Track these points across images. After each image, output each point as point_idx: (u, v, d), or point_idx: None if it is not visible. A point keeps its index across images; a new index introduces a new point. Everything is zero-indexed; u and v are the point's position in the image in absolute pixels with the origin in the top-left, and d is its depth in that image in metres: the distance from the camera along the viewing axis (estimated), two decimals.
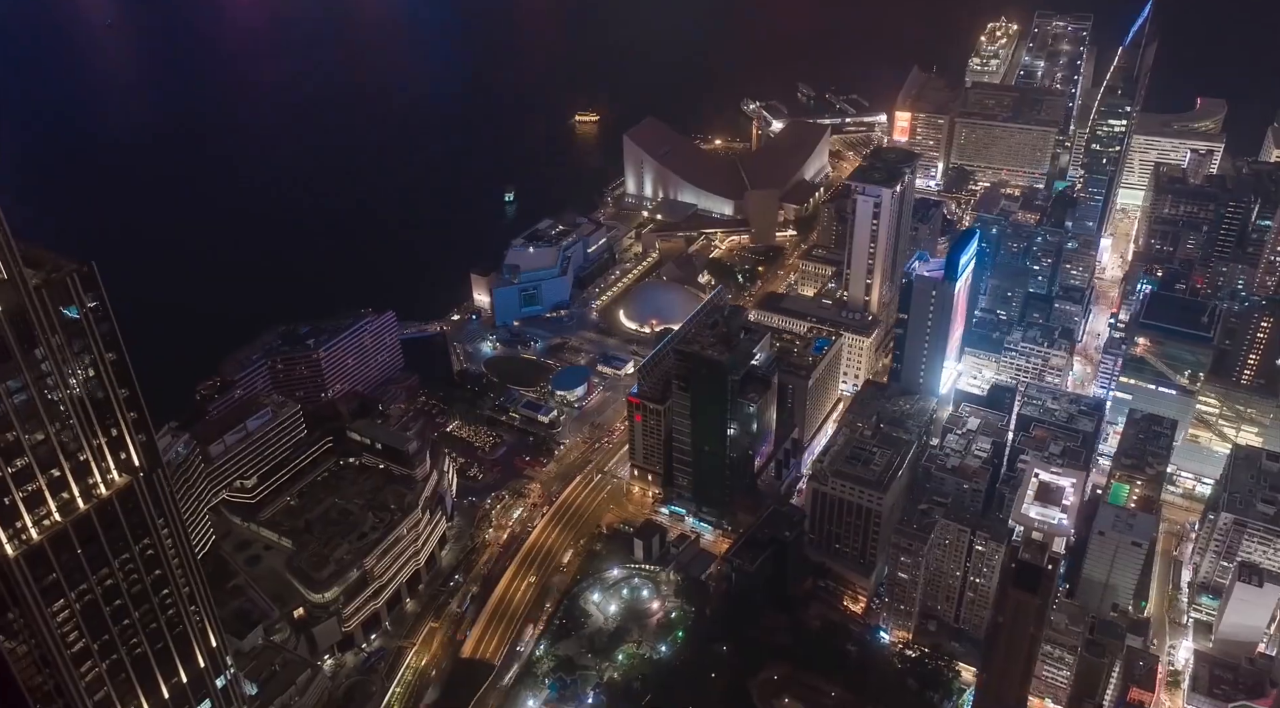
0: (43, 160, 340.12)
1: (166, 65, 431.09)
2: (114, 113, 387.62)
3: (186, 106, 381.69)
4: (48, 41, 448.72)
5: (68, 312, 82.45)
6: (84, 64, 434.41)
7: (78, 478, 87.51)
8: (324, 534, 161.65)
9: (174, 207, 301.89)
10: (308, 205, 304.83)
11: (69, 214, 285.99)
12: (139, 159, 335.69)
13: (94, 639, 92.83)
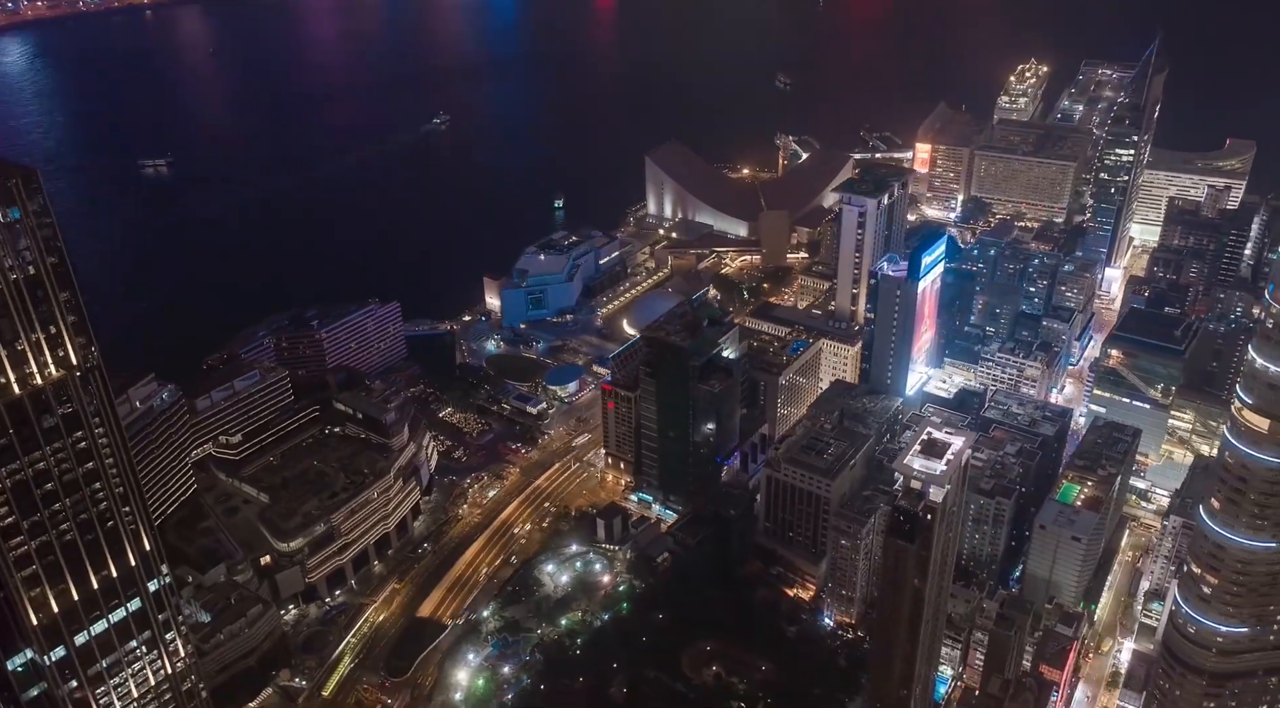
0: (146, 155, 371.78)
1: (254, 82, 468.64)
2: (208, 120, 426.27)
3: (268, 116, 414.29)
4: (164, 65, 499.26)
5: (10, 212, 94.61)
6: (192, 82, 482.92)
7: (14, 365, 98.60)
8: (298, 491, 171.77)
9: (245, 203, 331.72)
10: (368, 206, 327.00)
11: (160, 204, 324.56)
12: (223, 159, 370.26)
13: (24, 517, 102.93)
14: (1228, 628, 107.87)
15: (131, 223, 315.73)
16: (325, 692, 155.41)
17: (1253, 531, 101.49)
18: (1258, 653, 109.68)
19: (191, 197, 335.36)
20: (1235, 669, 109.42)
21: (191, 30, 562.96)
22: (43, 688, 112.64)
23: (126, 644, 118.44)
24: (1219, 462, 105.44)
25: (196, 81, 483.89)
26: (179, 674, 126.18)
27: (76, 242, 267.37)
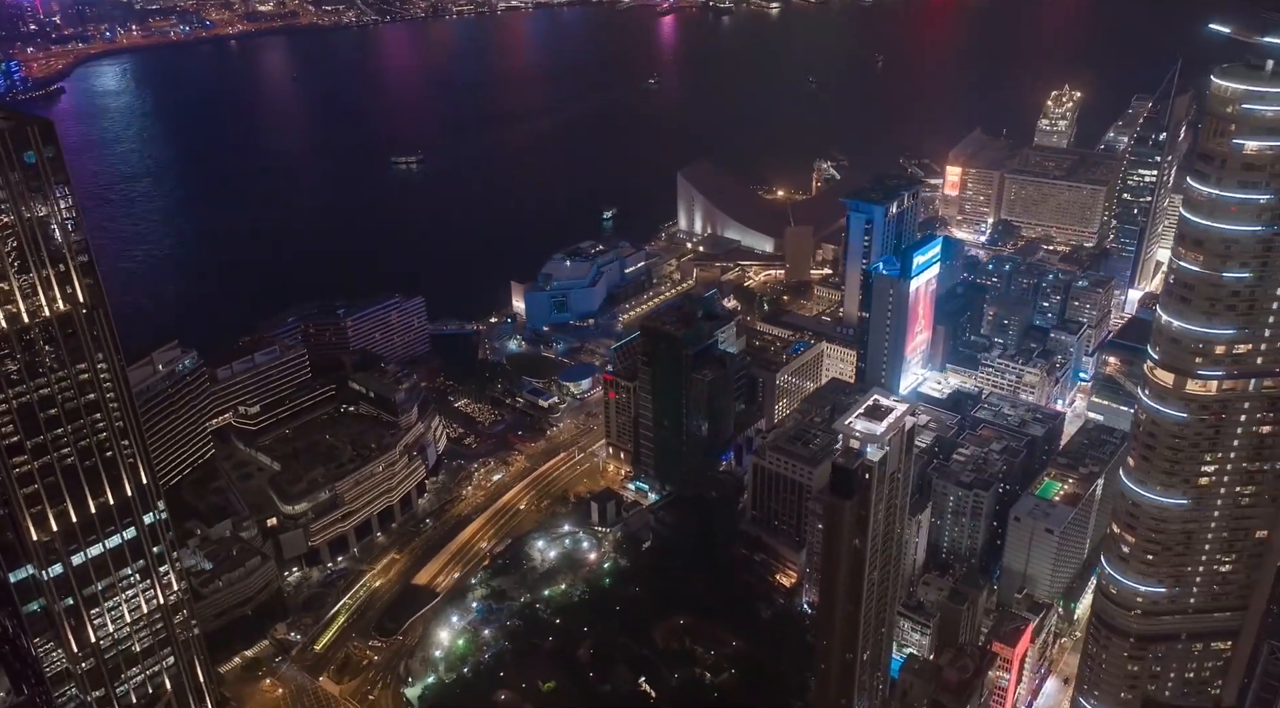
0: (230, 164, 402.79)
1: (331, 103, 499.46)
2: (287, 135, 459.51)
3: (345, 129, 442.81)
4: (253, 88, 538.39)
5: (26, 157, 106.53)
6: (277, 102, 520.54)
7: (24, 296, 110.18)
8: (308, 461, 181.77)
9: (317, 204, 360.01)
10: (427, 209, 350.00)
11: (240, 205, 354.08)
12: (297, 167, 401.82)
13: (28, 437, 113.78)
14: (1147, 588, 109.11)
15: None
16: (318, 646, 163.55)
17: (1164, 487, 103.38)
18: (1178, 616, 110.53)
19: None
20: (1157, 632, 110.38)
21: (273, 58, 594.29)
22: (42, 604, 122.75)
23: (121, 571, 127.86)
24: (1134, 421, 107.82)
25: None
26: (171, 607, 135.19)
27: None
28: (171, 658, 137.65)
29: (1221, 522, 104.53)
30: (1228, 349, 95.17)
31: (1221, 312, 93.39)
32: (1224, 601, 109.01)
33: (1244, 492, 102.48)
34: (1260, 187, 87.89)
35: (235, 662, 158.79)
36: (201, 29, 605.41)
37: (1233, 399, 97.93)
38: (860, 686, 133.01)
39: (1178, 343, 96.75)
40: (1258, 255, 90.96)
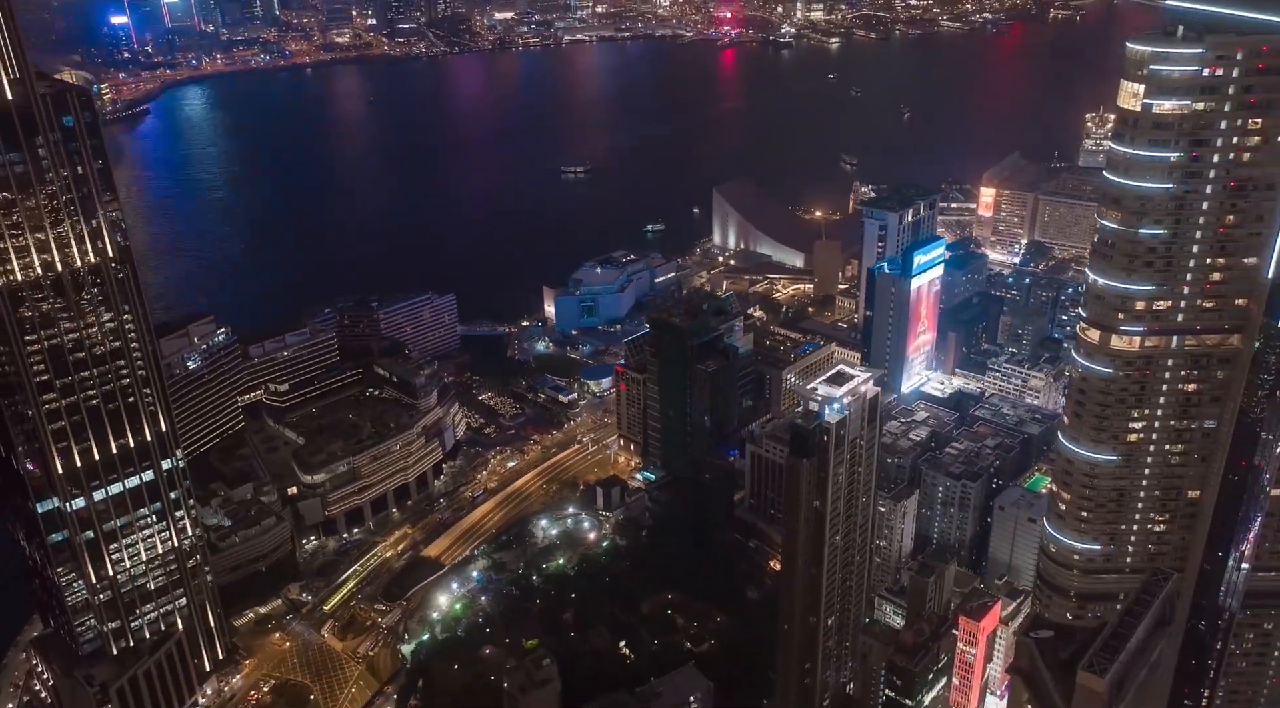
0: (303, 172, 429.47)
1: (404, 123, 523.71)
2: (360, 152, 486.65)
3: (417, 148, 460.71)
4: (329, 109, 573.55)
5: (65, 120, 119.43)
6: (353, 121, 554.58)
7: (59, 246, 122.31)
8: (330, 436, 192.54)
9: (384, 210, 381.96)
10: (483, 216, 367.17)
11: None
12: (371, 177, 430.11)
13: (57, 377, 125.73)
14: (1083, 545, 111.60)
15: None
16: (326, 607, 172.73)
17: (1095, 443, 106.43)
18: (1115, 575, 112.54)
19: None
20: (1096, 590, 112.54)
21: (348, 83, 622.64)
22: (65, 536, 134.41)
23: (138, 511, 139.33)
24: (1069, 380, 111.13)
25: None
26: (184, 550, 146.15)
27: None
28: (184, 599, 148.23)
29: (1153, 480, 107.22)
30: (1148, 305, 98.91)
31: (1140, 268, 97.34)
32: (1160, 561, 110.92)
33: (1173, 450, 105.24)
34: (1169, 145, 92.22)
35: (249, 616, 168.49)
36: (280, 58, 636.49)
37: (1156, 356, 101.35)
38: (826, 653, 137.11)
39: (1102, 300, 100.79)
40: (1170, 212, 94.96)
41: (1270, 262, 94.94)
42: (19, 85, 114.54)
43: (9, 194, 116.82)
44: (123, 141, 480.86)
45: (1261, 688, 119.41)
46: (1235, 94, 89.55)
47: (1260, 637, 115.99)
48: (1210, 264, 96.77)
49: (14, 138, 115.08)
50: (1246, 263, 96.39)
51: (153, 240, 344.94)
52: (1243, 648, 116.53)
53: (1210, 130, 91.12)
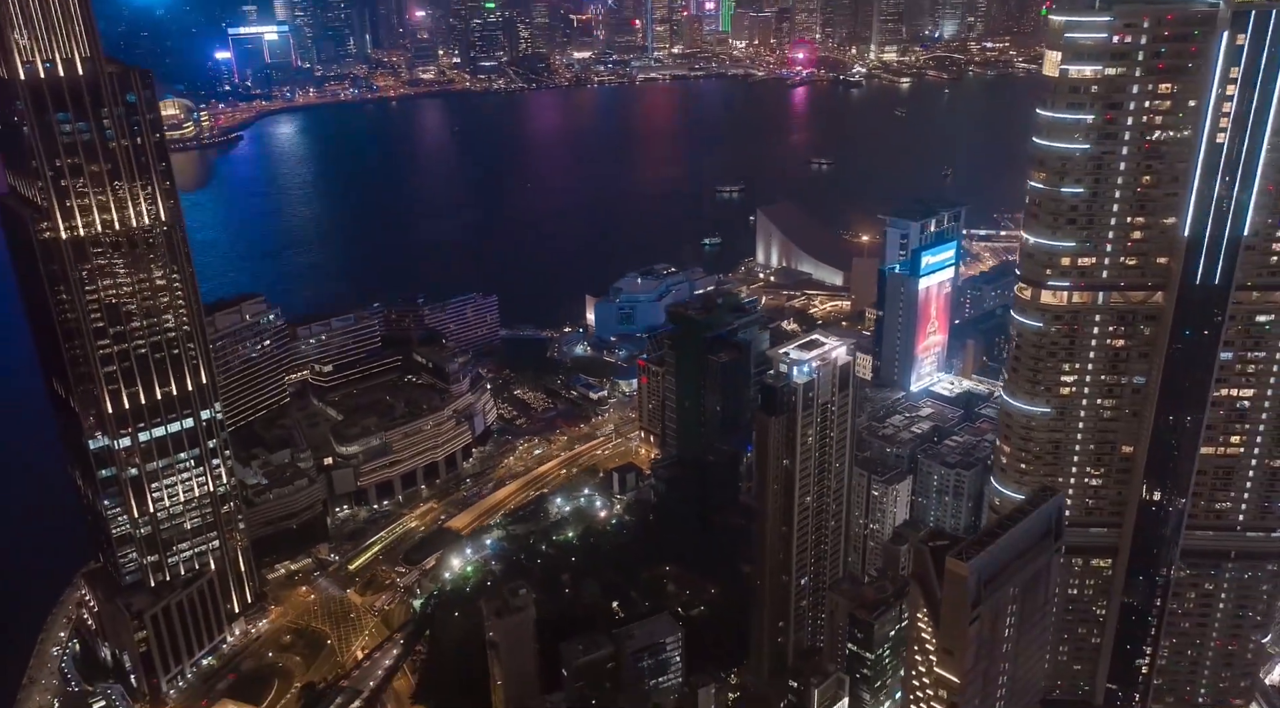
0: (387, 192, 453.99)
1: (482, 150, 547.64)
2: (439, 175, 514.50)
3: (493, 171, 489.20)
4: (413, 137, 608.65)
5: (128, 97, 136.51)
6: (435, 149, 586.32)
7: (118, 208, 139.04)
8: (365, 413, 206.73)
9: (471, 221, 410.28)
10: (551, 230, 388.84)
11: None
12: (446, 196, 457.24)
13: (111, 325, 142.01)
14: (1022, 497, 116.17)
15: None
16: (351, 567, 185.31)
17: (1030, 396, 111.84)
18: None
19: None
20: None
21: (431, 115, 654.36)
22: (112, 472, 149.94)
23: (178, 454, 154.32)
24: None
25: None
26: (219, 496, 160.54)
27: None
28: (216, 542, 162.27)
29: (1087, 434, 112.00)
30: (1073, 261, 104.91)
31: (1063, 226, 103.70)
32: (1098, 516, 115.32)
33: (1104, 404, 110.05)
34: (1085, 108, 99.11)
35: (280, 571, 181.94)
36: (368, 92, 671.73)
37: (1083, 311, 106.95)
38: (800, 613, 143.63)
39: (1032, 257, 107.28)
40: (1090, 172, 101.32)
41: (1186, 221, 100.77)
42: (89, 63, 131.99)
43: (77, 159, 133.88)
44: (216, 163, 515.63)
45: (1206, 650, 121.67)
46: (1145, 60, 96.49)
47: (1202, 597, 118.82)
48: (1130, 223, 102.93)
49: (83, 109, 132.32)
50: (1165, 222, 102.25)
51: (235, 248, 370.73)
52: (1184, 608, 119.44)
53: (1122, 94, 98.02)
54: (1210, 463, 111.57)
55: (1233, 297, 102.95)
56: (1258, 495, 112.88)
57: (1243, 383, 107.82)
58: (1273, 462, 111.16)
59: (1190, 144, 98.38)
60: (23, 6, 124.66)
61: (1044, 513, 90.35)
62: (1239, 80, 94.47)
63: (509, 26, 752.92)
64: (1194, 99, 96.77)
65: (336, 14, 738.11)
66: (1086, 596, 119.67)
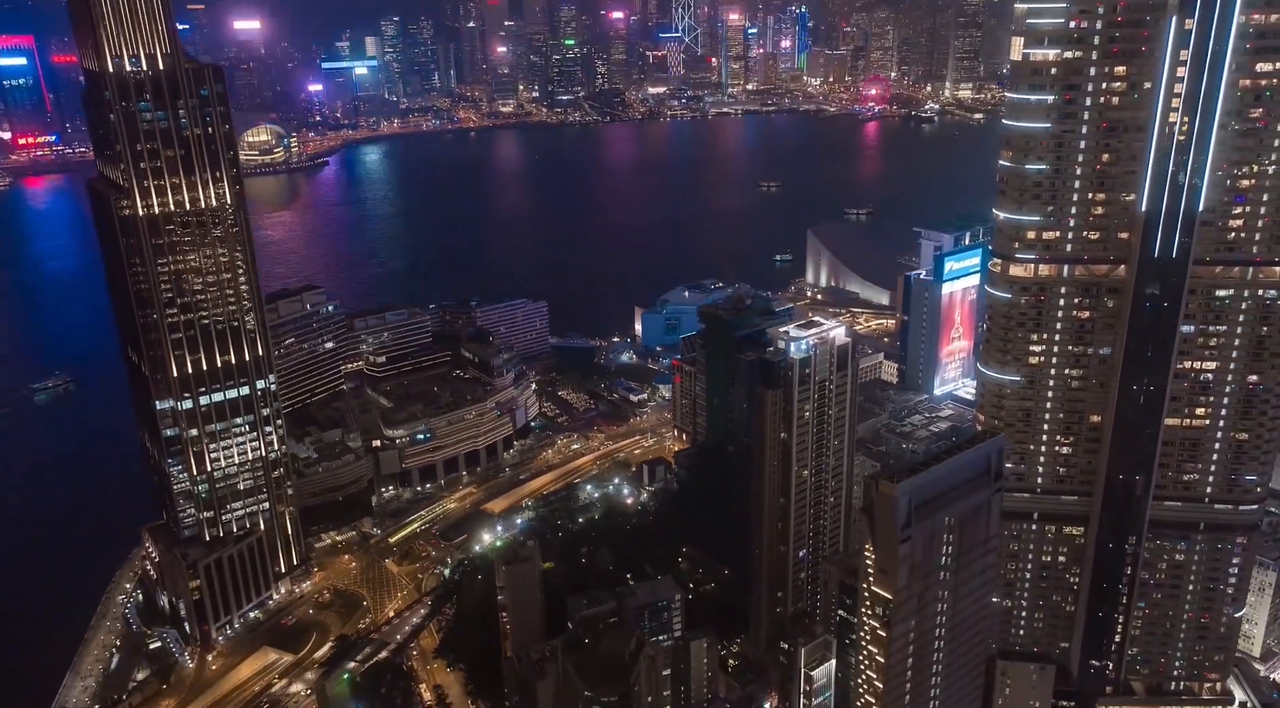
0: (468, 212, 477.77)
1: (557, 175, 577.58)
2: (513, 198, 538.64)
3: (566, 194, 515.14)
4: (490, 164, 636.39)
5: (202, 91, 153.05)
6: (509, 174, 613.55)
7: (189, 189, 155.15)
8: (413, 401, 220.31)
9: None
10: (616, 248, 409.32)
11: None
12: (519, 217, 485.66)
13: (179, 296, 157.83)
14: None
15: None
16: (391, 540, 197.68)
17: (1001, 365, 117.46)
18: (1028, 495, 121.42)
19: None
20: (1010, 509, 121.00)
21: (507, 145, 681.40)
22: (175, 432, 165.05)
23: (234, 418, 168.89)
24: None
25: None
26: (270, 461, 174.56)
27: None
28: (267, 503, 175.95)
29: (1056, 403, 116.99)
30: (1038, 235, 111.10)
31: (1029, 201, 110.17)
32: (1069, 485, 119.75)
33: (1072, 374, 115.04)
34: (1045, 89, 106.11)
35: (326, 540, 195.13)
36: (449, 123, 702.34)
37: (1050, 283, 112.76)
38: (799, 585, 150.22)
39: (1002, 232, 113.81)
40: (1052, 150, 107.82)
41: (1143, 197, 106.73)
42: (169, 59, 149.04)
43: (155, 144, 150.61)
44: (303, 186, 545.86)
45: (1179, 622, 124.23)
46: (1100, 44, 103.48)
47: (1173, 568, 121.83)
48: (1091, 199, 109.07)
49: (162, 100, 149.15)
50: (1124, 198, 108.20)
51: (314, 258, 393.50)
52: (1156, 579, 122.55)
53: (1080, 75, 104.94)
54: (1176, 434, 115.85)
55: (1192, 271, 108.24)
56: (1224, 468, 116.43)
57: (1205, 356, 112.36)
58: (1238, 434, 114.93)
59: (1145, 124, 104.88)
60: (113, 8, 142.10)
61: (982, 451, 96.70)
62: (1188, 63, 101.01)
63: (587, 63, 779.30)
64: (1148, 81, 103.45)
65: (424, 50, 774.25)
66: (1060, 564, 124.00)
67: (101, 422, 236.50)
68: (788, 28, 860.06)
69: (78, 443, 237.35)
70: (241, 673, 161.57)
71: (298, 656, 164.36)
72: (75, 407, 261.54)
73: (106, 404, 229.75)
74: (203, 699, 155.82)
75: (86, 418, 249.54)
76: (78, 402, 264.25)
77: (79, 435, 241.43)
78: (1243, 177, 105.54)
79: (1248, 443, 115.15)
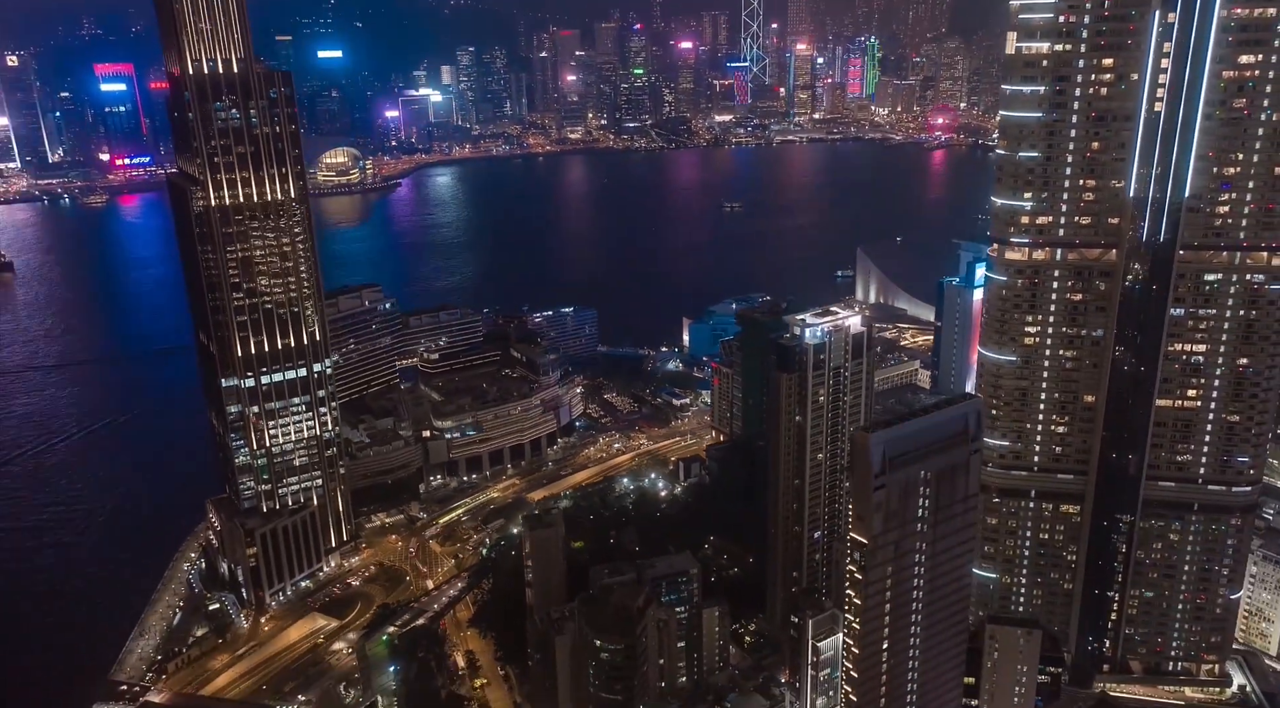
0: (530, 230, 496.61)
1: (625, 196, 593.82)
2: (591, 216, 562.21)
3: (630, 216, 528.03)
4: (558, 187, 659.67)
5: (271, 93, 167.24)
6: (576, 196, 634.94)
7: (257, 183, 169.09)
8: (462, 395, 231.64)
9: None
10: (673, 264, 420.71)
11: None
12: (592, 231, 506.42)
13: (244, 281, 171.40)
14: (994, 441, 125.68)
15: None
16: (437, 524, 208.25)
17: (998, 345, 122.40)
18: (1024, 472, 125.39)
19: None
20: (1009, 486, 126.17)
21: (575, 170, 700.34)
22: (239, 408, 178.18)
23: (292, 398, 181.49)
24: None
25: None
26: (324, 441, 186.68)
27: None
28: (320, 480, 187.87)
29: (1051, 383, 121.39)
30: (1031, 220, 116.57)
31: (1021, 187, 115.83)
32: (1066, 463, 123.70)
33: (1066, 355, 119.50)
34: (1037, 80, 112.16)
35: (375, 522, 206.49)
36: (518, 148, 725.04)
37: (1043, 266, 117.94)
38: (814, 566, 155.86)
39: (999, 217, 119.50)
40: (1044, 138, 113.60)
41: (1131, 184, 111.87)
42: (242, 63, 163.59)
43: (228, 141, 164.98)
44: (376, 205, 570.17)
45: (1175, 602, 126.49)
46: (1089, 37, 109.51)
47: (1168, 548, 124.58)
48: (1082, 185, 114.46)
49: (235, 100, 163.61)
50: (1114, 185, 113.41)
51: (384, 269, 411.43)
52: (1151, 558, 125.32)
53: (1069, 68, 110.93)
54: (1169, 415, 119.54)
55: (1181, 256, 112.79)
56: (1216, 449, 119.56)
57: (1195, 339, 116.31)
58: (1229, 417, 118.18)
59: (1133, 114, 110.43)
60: (194, 17, 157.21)
61: (960, 411, 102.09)
62: (1171, 55, 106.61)
63: (655, 91, 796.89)
64: (1134, 72, 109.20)
65: (496, 79, 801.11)
66: (1058, 541, 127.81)
67: (179, 403, 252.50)
68: (857, 58, 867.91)
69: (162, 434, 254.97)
70: (291, 635, 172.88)
71: (343, 621, 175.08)
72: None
73: (186, 389, 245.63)
74: (254, 656, 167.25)
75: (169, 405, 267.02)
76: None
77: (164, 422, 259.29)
78: (1228, 164, 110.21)
79: (1239, 425, 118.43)
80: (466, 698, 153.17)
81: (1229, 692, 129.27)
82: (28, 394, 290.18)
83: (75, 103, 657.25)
